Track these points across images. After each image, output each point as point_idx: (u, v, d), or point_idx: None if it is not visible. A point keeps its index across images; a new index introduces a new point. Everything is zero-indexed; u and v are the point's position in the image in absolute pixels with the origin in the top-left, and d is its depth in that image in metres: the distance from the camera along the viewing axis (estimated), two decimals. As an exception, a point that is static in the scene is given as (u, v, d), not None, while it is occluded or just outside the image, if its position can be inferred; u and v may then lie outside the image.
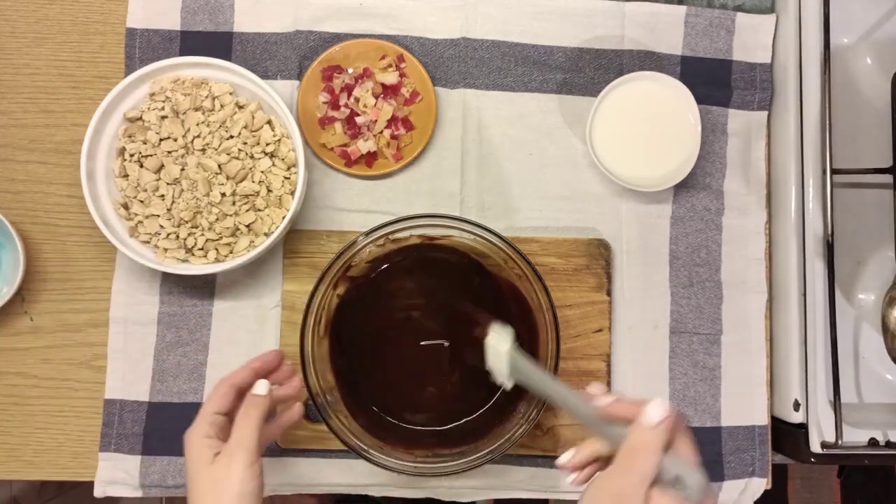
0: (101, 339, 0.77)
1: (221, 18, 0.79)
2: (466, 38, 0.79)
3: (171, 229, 0.72)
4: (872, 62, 0.81)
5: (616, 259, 0.79)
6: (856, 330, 0.79)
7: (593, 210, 0.79)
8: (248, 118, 0.73)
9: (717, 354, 0.79)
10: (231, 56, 0.79)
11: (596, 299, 0.77)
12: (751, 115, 0.80)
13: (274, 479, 0.76)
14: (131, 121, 0.74)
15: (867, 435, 0.73)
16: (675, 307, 0.79)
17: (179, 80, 0.73)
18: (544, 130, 0.80)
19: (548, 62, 0.80)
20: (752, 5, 0.81)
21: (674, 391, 0.78)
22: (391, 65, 0.78)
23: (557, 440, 0.76)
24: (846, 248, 0.78)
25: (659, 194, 0.79)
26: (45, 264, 0.78)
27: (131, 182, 0.73)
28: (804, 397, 0.74)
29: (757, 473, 0.78)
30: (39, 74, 0.79)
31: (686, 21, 0.80)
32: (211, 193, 0.72)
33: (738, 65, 0.80)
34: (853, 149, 0.78)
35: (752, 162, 0.80)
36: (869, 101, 0.80)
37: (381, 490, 0.77)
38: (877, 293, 0.78)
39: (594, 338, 0.77)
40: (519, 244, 0.69)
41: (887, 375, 0.78)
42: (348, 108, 0.77)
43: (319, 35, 0.79)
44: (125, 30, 0.79)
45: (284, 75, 0.79)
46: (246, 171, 0.73)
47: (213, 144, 0.73)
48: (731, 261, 0.79)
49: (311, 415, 0.75)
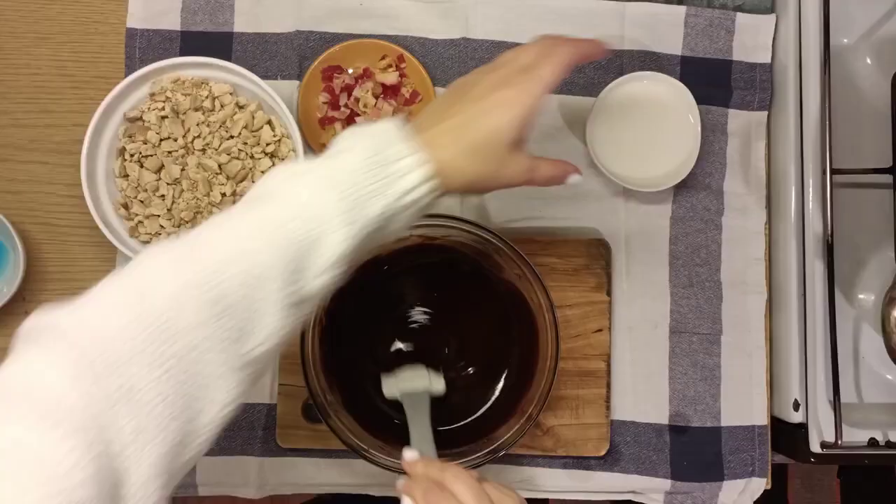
0: (101, 339, 0.77)
1: (221, 18, 0.79)
2: (466, 38, 0.79)
3: (171, 229, 0.72)
4: (872, 62, 0.81)
5: (616, 259, 0.79)
6: (856, 330, 0.79)
7: (593, 210, 0.79)
8: (248, 118, 0.73)
9: (717, 354, 0.79)
10: (231, 56, 0.79)
11: (596, 299, 0.77)
12: (751, 115, 0.80)
13: (274, 479, 0.76)
14: (131, 121, 0.74)
15: (867, 435, 0.73)
16: (675, 307, 0.79)
17: (179, 81, 0.74)
18: (544, 130, 0.80)
19: (548, 62, 0.80)
20: (752, 5, 0.81)
21: (674, 391, 0.78)
22: (391, 65, 0.78)
23: (557, 440, 0.76)
24: (846, 248, 0.78)
25: (659, 194, 0.79)
26: (45, 264, 0.78)
27: (131, 182, 0.73)
28: (804, 397, 0.74)
29: (757, 473, 0.78)
30: (39, 74, 0.79)
31: (686, 21, 0.80)
32: (211, 193, 0.72)
33: (738, 65, 0.80)
34: (853, 149, 0.78)
35: (752, 162, 0.80)
36: (869, 101, 0.80)
37: (381, 490, 0.77)
38: (877, 293, 0.78)
39: (594, 338, 0.77)
40: (519, 244, 0.69)
41: (887, 375, 0.78)
42: (348, 109, 0.77)
43: (319, 35, 0.79)
44: (125, 30, 0.79)
45: (284, 75, 0.79)
46: (246, 171, 0.73)
47: (214, 144, 0.73)
48: (731, 261, 0.79)
49: (311, 415, 0.75)
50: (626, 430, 0.78)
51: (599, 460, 0.77)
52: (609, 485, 0.77)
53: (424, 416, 0.64)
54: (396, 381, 0.68)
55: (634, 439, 0.78)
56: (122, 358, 0.41)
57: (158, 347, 0.42)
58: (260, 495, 0.76)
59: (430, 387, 0.68)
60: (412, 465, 0.57)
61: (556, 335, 0.68)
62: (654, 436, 0.78)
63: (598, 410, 0.76)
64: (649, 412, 0.78)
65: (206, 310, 0.44)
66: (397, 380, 0.69)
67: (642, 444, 0.78)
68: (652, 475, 0.77)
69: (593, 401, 0.76)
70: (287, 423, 0.75)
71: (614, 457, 0.77)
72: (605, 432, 0.76)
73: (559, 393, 0.76)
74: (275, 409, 0.76)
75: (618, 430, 0.78)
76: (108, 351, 0.41)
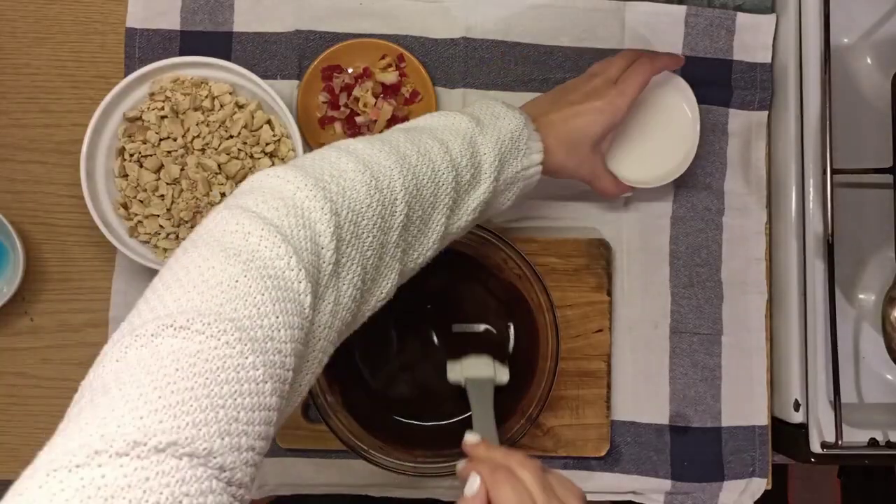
0: (100, 340, 0.76)
1: (221, 18, 0.79)
2: (466, 37, 0.79)
3: (170, 229, 0.72)
4: (872, 62, 0.81)
5: (616, 259, 0.79)
6: (856, 330, 0.79)
7: (593, 210, 0.79)
8: (247, 118, 0.73)
9: (717, 354, 0.78)
10: (231, 56, 0.79)
11: (596, 299, 0.77)
12: (751, 114, 0.80)
13: (274, 479, 0.76)
14: (131, 121, 0.74)
15: (867, 435, 0.73)
16: (676, 307, 0.79)
17: (179, 80, 0.73)
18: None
19: (548, 62, 0.80)
20: (752, 5, 0.81)
21: (674, 391, 0.78)
22: (391, 65, 0.78)
23: (558, 440, 0.76)
24: (846, 248, 0.77)
25: (659, 194, 0.79)
26: (45, 264, 0.78)
27: (131, 182, 0.73)
28: (804, 397, 0.74)
29: (757, 473, 0.78)
30: (39, 74, 0.79)
31: (686, 21, 0.80)
32: (211, 193, 0.72)
33: (738, 65, 0.80)
34: (853, 149, 0.78)
35: (752, 162, 0.80)
36: (869, 101, 0.80)
37: (381, 490, 0.77)
38: (877, 293, 0.78)
39: (594, 338, 0.77)
40: (519, 244, 0.69)
41: (887, 375, 0.78)
42: (348, 108, 0.77)
43: (319, 35, 0.79)
44: (125, 30, 0.79)
45: (284, 75, 0.79)
46: (246, 170, 0.73)
47: (213, 144, 0.73)
48: (732, 261, 0.79)
49: (311, 415, 0.75)
50: (627, 431, 0.78)
51: (599, 461, 0.77)
52: (609, 485, 0.77)
53: (488, 404, 0.65)
54: (462, 368, 0.69)
55: (635, 440, 0.78)
56: (360, 209, 0.49)
57: (377, 219, 0.50)
58: (260, 495, 0.76)
59: (494, 376, 0.68)
60: (475, 448, 0.56)
61: (557, 335, 0.68)
62: (654, 436, 0.78)
63: (599, 411, 0.76)
64: (649, 412, 0.78)
65: (404, 202, 0.52)
66: (462, 366, 0.69)
67: (642, 445, 0.77)
68: (652, 475, 0.77)
69: (593, 401, 0.76)
70: (287, 424, 0.75)
71: (614, 457, 0.77)
72: (605, 433, 0.76)
73: (559, 393, 0.76)
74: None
75: (618, 430, 0.78)
76: (347, 195, 0.49)
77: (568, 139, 0.65)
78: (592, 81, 0.67)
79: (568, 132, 0.65)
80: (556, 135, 0.64)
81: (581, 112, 0.65)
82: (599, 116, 0.65)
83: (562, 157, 0.65)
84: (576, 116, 0.65)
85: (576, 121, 0.65)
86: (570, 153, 0.66)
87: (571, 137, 0.65)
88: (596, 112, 0.65)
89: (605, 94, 0.66)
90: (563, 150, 0.65)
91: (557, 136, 0.64)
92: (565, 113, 0.65)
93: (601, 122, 0.66)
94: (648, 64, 0.68)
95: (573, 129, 0.65)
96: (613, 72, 0.68)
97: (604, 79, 0.67)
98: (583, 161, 0.67)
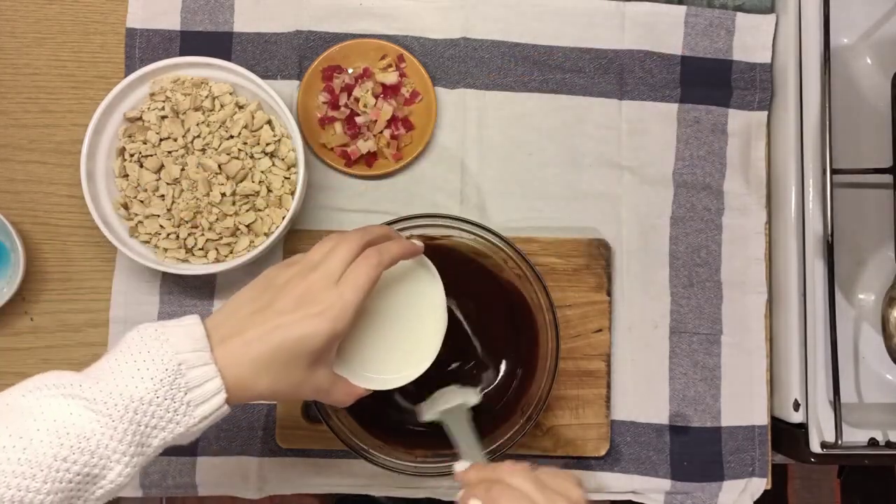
0: (101, 339, 0.77)
1: (221, 18, 0.79)
2: (466, 38, 0.79)
3: (171, 229, 0.72)
4: (872, 62, 0.81)
5: (616, 259, 0.79)
6: (856, 330, 0.79)
7: (593, 210, 0.79)
8: (248, 118, 0.73)
9: (717, 354, 0.79)
10: (231, 56, 0.79)
11: (596, 299, 0.77)
12: (751, 115, 0.80)
13: (274, 479, 0.76)
14: (131, 121, 0.74)
15: (867, 435, 0.73)
16: (675, 307, 0.79)
17: (179, 80, 0.73)
18: (544, 130, 0.80)
19: (548, 62, 0.80)
20: (752, 5, 0.81)
21: (674, 391, 0.78)
22: (391, 65, 0.78)
23: (557, 440, 0.76)
24: (846, 248, 0.78)
25: (659, 194, 0.79)
26: (45, 264, 0.78)
27: (131, 182, 0.73)
28: (804, 397, 0.74)
29: (757, 473, 0.78)
30: (39, 74, 0.79)
31: (686, 21, 0.80)
32: (211, 193, 0.72)
33: (738, 65, 0.80)
34: (853, 149, 0.78)
35: (752, 162, 0.80)
36: (869, 101, 0.80)
37: (381, 490, 0.77)
38: (877, 293, 0.78)
39: (594, 338, 0.77)
40: (519, 244, 0.69)
41: (887, 375, 0.78)
42: (348, 108, 0.77)
43: (319, 35, 0.79)
44: (125, 30, 0.79)
45: (284, 75, 0.79)
46: (246, 171, 0.73)
47: (213, 144, 0.73)
48: (731, 261, 0.79)
49: (311, 415, 0.75)
50: (626, 431, 0.78)
51: (599, 460, 0.77)
52: (609, 485, 0.77)
53: (467, 428, 0.64)
54: (432, 405, 0.67)
55: (634, 439, 0.78)
56: None
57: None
58: (260, 495, 0.76)
59: (465, 400, 0.67)
60: (465, 475, 0.56)
61: (557, 335, 0.68)
62: (654, 436, 0.78)
63: (598, 410, 0.76)
64: (649, 412, 0.78)
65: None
66: (433, 403, 0.67)
67: (642, 445, 0.78)
68: (652, 475, 0.77)
69: (593, 401, 0.76)
70: (287, 424, 0.75)
71: (614, 457, 0.77)
72: (605, 432, 0.76)
73: (559, 393, 0.76)
74: (275, 409, 0.76)
75: (618, 430, 0.78)
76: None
77: (273, 360, 0.52)
78: (308, 279, 0.53)
79: (273, 353, 0.51)
80: (256, 357, 0.51)
81: (291, 324, 0.52)
82: (318, 327, 0.52)
83: (263, 385, 0.52)
84: (284, 330, 0.52)
85: (284, 336, 0.52)
86: (277, 378, 0.52)
87: (279, 358, 0.52)
88: (312, 323, 0.52)
89: (324, 299, 0.53)
90: (267, 376, 0.52)
91: (257, 360, 0.51)
92: (269, 327, 0.52)
93: (321, 333, 0.52)
94: (376, 257, 0.55)
95: (281, 348, 0.52)
96: (335, 265, 0.54)
97: (323, 275, 0.53)
98: (300, 382, 0.54)
